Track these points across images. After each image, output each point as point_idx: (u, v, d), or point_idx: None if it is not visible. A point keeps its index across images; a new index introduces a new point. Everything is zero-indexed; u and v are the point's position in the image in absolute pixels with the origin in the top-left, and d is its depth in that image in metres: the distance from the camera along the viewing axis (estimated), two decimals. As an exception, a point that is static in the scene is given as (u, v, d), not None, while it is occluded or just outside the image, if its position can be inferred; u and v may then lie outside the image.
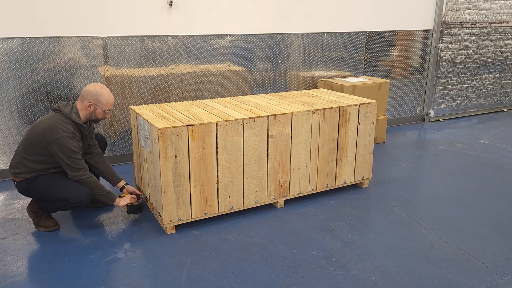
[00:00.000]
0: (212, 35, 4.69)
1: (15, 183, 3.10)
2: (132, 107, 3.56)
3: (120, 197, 3.27)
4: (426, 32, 6.14)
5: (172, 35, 4.48)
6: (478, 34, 6.55)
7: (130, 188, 3.39)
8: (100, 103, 3.06)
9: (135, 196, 3.30)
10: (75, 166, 2.97)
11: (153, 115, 3.27)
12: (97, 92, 3.05)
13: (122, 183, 3.40)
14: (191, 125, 3.01)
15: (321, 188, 3.75)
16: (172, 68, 4.56)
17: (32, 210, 3.19)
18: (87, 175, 3.03)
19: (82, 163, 3.02)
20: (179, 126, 2.96)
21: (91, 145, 3.31)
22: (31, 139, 2.99)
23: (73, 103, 3.09)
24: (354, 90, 4.98)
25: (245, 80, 5.00)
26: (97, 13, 4.12)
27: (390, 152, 5.05)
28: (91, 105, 3.05)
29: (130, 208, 3.24)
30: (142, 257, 2.85)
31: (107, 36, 4.21)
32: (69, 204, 3.02)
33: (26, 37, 3.90)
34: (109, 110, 3.13)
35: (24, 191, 3.09)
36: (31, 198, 3.27)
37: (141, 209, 3.28)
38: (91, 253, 2.89)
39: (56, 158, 2.97)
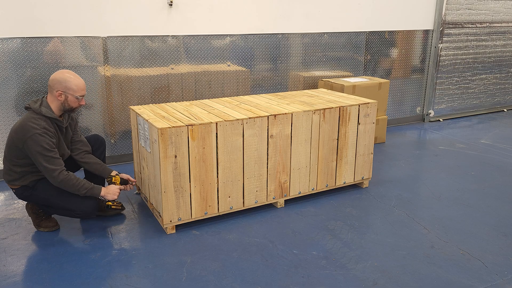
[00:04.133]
0: (212, 35, 4.69)
1: (13, 190, 3.03)
2: (132, 107, 3.56)
3: (112, 181, 3.16)
4: (426, 32, 6.14)
5: (172, 35, 4.48)
6: (478, 34, 6.55)
7: (125, 175, 3.27)
8: (69, 89, 2.88)
9: (123, 187, 3.17)
10: (50, 166, 2.79)
11: (153, 115, 3.27)
12: (64, 79, 2.87)
13: (114, 173, 3.25)
14: (191, 125, 3.01)
15: (321, 188, 3.75)
16: (172, 68, 4.56)
17: (33, 210, 3.15)
18: (64, 175, 2.84)
19: (58, 162, 2.84)
20: (179, 126, 2.96)
21: (75, 140, 3.16)
22: (9, 143, 2.89)
23: (43, 97, 2.93)
24: (354, 90, 4.98)
25: (245, 80, 5.00)
26: (97, 13, 4.12)
27: (390, 152, 5.05)
28: (61, 93, 2.87)
29: (109, 208, 3.28)
30: (142, 257, 2.85)
31: (107, 36, 4.21)
32: (76, 214, 2.98)
33: (26, 37, 3.90)
34: (82, 96, 2.94)
35: (25, 198, 3.03)
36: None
37: (119, 211, 3.31)
38: (91, 253, 2.89)
39: (32, 158, 2.82)
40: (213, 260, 2.82)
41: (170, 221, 3.11)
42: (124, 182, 3.27)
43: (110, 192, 3.05)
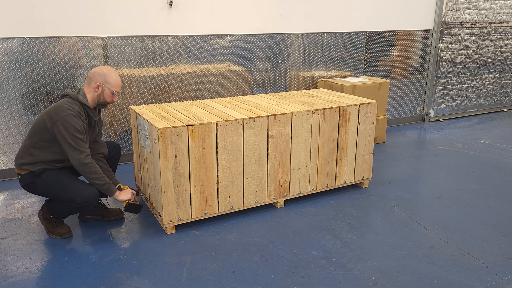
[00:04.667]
0: (212, 35, 4.69)
1: (19, 176, 2.99)
2: (132, 107, 3.56)
3: (121, 188, 3.15)
4: (426, 32, 6.14)
5: (172, 35, 4.48)
6: (478, 34, 6.55)
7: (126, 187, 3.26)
8: (108, 83, 2.99)
9: (135, 192, 3.17)
10: (78, 148, 2.82)
11: (153, 115, 3.27)
12: (104, 73, 2.99)
13: (118, 185, 3.25)
14: (191, 125, 3.01)
15: (321, 188, 3.75)
16: (172, 68, 4.56)
17: (44, 216, 3.10)
18: (90, 159, 2.87)
19: (86, 147, 2.88)
20: (179, 126, 2.96)
21: (97, 141, 3.20)
22: (37, 124, 2.90)
23: (80, 88, 3.02)
24: (354, 90, 4.98)
25: (245, 80, 5.00)
26: (97, 13, 4.12)
27: (390, 152, 5.05)
28: (99, 85, 2.97)
29: (129, 206, 3.08)
30: (142, 257, 2.85)
31: (107, 36, 4.21)
32: (75, 205, 2.90)
33: (26, 37, 3.90)
34: (117, 92, 3.05)
35: (27, 186, 2.97)
36: (37, 200, 3.23)
37: (139, 209, 3.13)
38: (91, 253, 2.89)
39: (58, 139, 2.83)
40: (213, 260, 2.82)
41: (170, 221, 3.11)
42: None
43: (122, 192, 3.07)
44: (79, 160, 2.83)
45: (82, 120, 2.93)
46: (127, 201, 3.08)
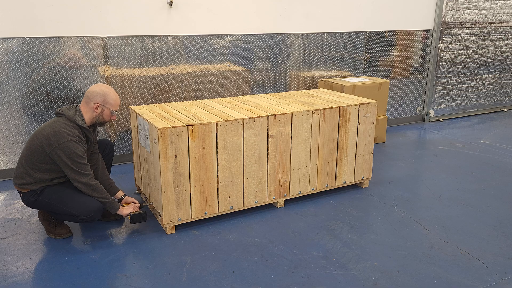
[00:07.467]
0: (212, 35, 4.69)
1: (21, 194, 2.97)
2: (132, 107, 3.56)
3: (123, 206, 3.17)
4: (426, 32, 6.14)
5: (172, 35, 4.48)
6: (478, 34, 6.55)
7: (129, 199, 3.27)
8: (107, 103, 2.95)
9: (138, 204, 3.19)
10: (81, 172, 2.83)
11: (153, 115, 3.27)
12: (104, 93, 2.94)
13: (120, 193, 3.27)
14: (191, 125, 3.01)
15: (321, 188, 3.75)
16: (172, 68, 4.56)
17: (44, 217, 3.10)
18: (94, 182, 2.89)
19: (89, 169, 2.88)
20: (179, 126, 2.96)
21: (93, 152, 3.18)
22: (34, 146, 2.85)
23: (76, 106, 2.97)
24: (354, 90, 4.98)
25: (245, 80, 5.00)
26: (97, 13, 4.12)
27: (390, 152, 5.05)
28: (98, 106, 2.93)
29: (134, 217, 3.10)
30: (142, 257, 2.85)
31: (107, 36, 4.21)
32: (80, 219, 2.92)
33: (26, 37, 3.90)
34: (116, 111, 3.02)
35: (31, 204, 2.96)
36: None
37: (144, 217, 3.14)
38: (91, 253, 2.89)
39: (59, 164, 2.82)
40: (213, 260, 2.82)
41: (170, 221, 3.11)
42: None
43: (125, 208, 3.12)
44: (85, 184, 2.86)
45: (82, 144, 2.89)
46: (129, 214, 3.11)
